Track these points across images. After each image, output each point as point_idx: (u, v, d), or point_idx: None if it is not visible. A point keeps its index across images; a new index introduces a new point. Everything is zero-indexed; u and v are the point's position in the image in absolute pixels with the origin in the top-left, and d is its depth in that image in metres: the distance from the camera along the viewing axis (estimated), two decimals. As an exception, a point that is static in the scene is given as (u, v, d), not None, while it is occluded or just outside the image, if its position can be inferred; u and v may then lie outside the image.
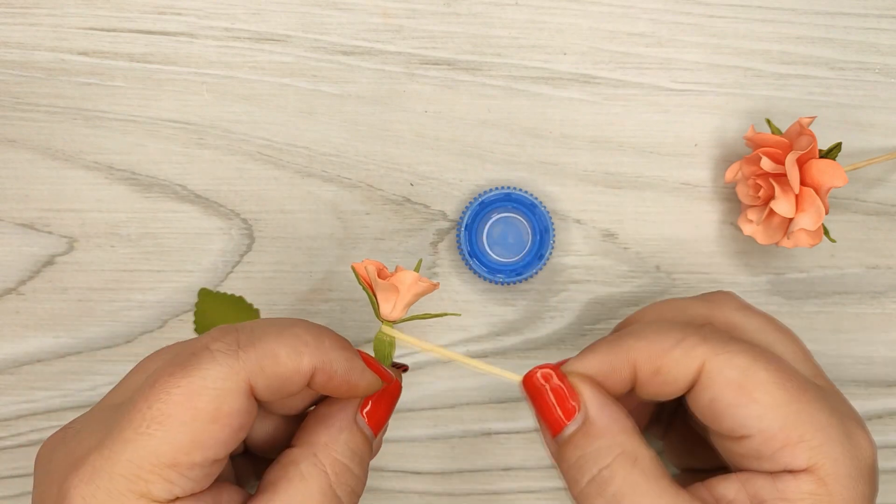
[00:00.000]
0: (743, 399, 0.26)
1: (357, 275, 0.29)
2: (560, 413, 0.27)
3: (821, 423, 0.26)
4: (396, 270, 0.29)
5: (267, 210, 0.39)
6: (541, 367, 0.28)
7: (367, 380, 0.28)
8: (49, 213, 0.39)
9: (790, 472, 0.26)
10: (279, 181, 0.39)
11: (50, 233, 0.39)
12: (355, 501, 0.28)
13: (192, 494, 0.25)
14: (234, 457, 0.31)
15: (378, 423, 0.29)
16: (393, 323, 0.29)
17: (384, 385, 0.29)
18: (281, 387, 0.26)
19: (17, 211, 0.39)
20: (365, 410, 0.29)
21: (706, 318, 0.31)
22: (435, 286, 0.29)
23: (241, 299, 0.38)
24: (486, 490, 0.39)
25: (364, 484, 0.28)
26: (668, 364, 0.27)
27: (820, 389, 0.28)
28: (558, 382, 0.28)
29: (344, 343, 0.28)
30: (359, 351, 0.28)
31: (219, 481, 0.27)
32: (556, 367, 0.28)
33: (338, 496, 0.27)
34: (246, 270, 0.39)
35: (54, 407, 0.39)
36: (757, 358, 0.27)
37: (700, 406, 0.28)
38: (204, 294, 0.38)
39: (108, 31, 0.38)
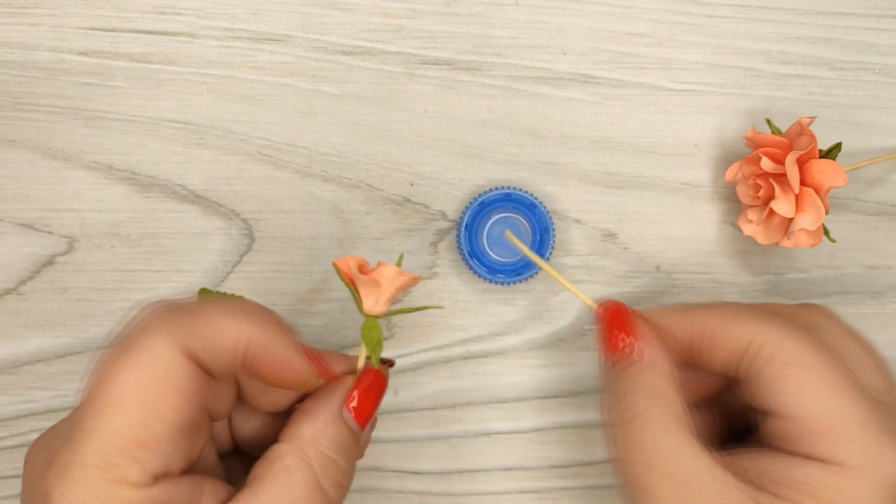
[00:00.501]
0: (790, 377, 0.27)
1: (339, 271, 0.30)
2: (622, 341, 0.30)
3: (862, 426, 0.26)
4: (378, 265, 0.29)
5: (267, 210, 0.39)
6: (618, 303, 0.31)
7: (301, 365, 0.28)
8: (49, 213, 0.39)
9: (807, 457, 0.26)
10: (279, 181, 0.39)
11: (50, 233, 0.39)
12: (342, 494, 0.28)
13: (170, 477, 0.25)
14: (224, 456, 0.31)
15: (364, 416, 0.29)
16: (377, 317, 0.30)
17: (320, 379, 0.29)
18: (218, 356, 0.26)
19: (17, 211, 0.39)
20: (351, 404, 0.29)
21: (788, 315, 0.31)
22: (416, 280, 0.30)
23: (241, 299, 0.38)
24: (486, 490, 0.39)
25: (351, 478, 0.28)
26: (723, 330, 0.29)
27: (870, 400, 0.27)
28: (629, 317, 0.30)
29: (284, 325, 0.28)
30: (301, 345, 0.28)
31: (202, 474, 0.27)
32: (625, 306, 0.31)
33: (324, 489, 0.27)
34: (246, 270, 0.39)
35: (54, 407, 0.39)
36: (810, 345, 0.27)
37: (744, 374, 0.28)
38: (204, 294, 0.38)
39: (108, 31, 0.38)
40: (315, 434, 0.28)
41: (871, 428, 0.26)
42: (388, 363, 0.32)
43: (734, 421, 0.33)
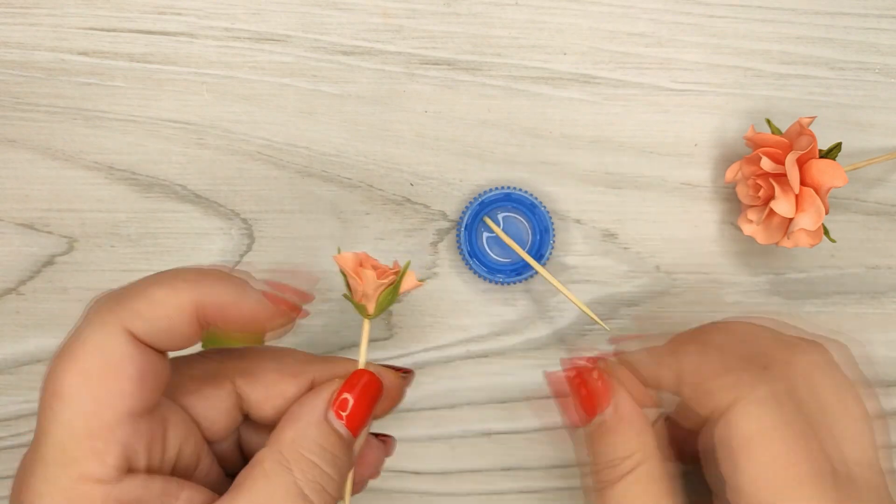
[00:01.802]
0: (745, 453, 0.26)
1: (339, 266, 0.30)
2: (599, 402, 0.29)
3: None
4: (394, 266, 0.30)
5: (267, 210, 0.39)
6: (587, 367, 0.30)
7: (266, 308, 0.27)
8: (49, 213, 0.39)
9: None
10: (279, 181, 0.39)
11: (50, 233, 0.39)
12: (329, 501, 0.27)
13: (137, 475, 0.25)
14: (232, 473, 0.31)
15: (354, 420, 0.28)
16: (369, 316, 0.30)
17: (291, 317, 0.28)
18: (167, 327, 0.25)
19: (17, 211, 0.39)
20: (337, 406, 0.28)
21: (777, 358, 0.30)
22: (392, 280, 0.29)
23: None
24: (487, 490, 0.39)
25: (340, 485, 0.27)
26: (709, 389, 0.28)
27: (838, 493, 0.27)
28: (598, 377, 0.30)
29: (234, 278, 0.27)
30: (268, 282, 0.28)
31: (180, 479, 0.26)
32: (597, 365, 0.30)
33: (304, 494, 0.26)
34: (246, 270, 0.39)
35: (54, 407, 0.39)
36: (784, 424, 0.27)
37: (716, 438, 0.28)
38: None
39: (108, 31, 0.38)
40: (296, 436, 0.27)
41: None
42: (403, 371, 0.31)
43: None
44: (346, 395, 0.28)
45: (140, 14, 0.38)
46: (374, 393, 0.29)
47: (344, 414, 0.28)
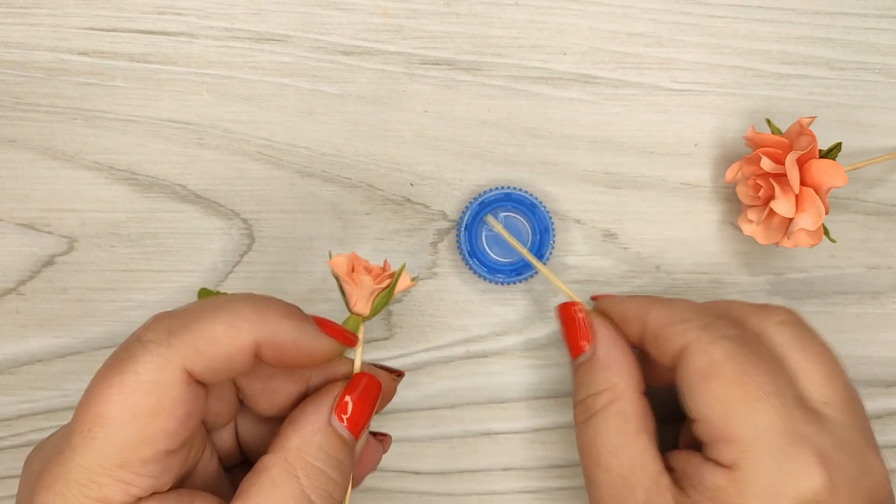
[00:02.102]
0: (700, 386, 0.28)
1: (332, 271, 0.30)
2: (578, 343, 0.32)
3: (760, 432, 0.27)
4: (384, 266, 0.30)
5: (267, 210, 0.39)
6: (575, 304, 0.33)
7: (323, 344, 0.27)
8: (49, 213, 0.39)
9: (717, 463, 0.28)
10: (279, 181, 0.39)
11: (50, 233, 0.39)
12: None
13: (155, 494, 0.25)
14: (233, 468, 0.31)
15: (357, 424, 0.28)
16: (364, 319, 0.30)
17: (346, 347, 0.28)
18: (225, 366, 0.25)
19: (17, 211, 0.39)
20: (340, 411, 0.28)
21: (742, 318, 0.31)
22: (388, 284, 0.30)
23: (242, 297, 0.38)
24: (486, 490, 0.39)
25: (344, 490, 0.27)
26: (665, 336, 0.30)
27: (795, 410, 0.28)
28: (582, 319, 0.33)
29: (292, 310, 0.27)
30: (314, 316, 0.27)
31: (191, 489, 0.26)
32: (583, 309, 0.33)
33: (312, 501, 0.26)
34: (246, 270, 0.39)
35: (54, 407, 0.39)
36: (734, 356, 0.28)
37: (678, 381, 0.30)
38: (204, 294, 0.38)
39: (108, 31, 0.38)
40: (301, 443, 0.26)
41: (777, 439, 0.27)
42: (395, 373, 0.31)
43: None
44: (347, 398, 0.28)
45: (140, 14, 0.38)
46: (375, 396, 0.29)
47: (346, 417, 0.28)
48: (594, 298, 0.35)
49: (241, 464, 0.31)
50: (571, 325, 0.33)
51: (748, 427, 0.27)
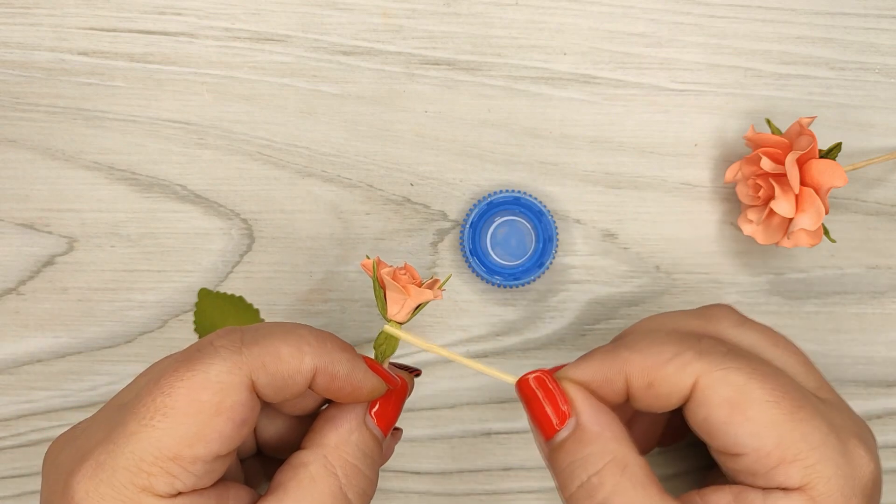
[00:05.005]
0: (737, 417, 0.26)
1: (374, 272, 0.30)
2: (553, 418, 0.28)
3: (816, 442, 0.26)
4: (433, 281, 0.30)
5: (267, 210, 0.39)
6: (534, 371, 0.29)
7: (370, 382, 0.28)
8: (49, 213, 0.39)
9: (783, 489, 0.26)
10: (279, 181, 0.39)
11: (50, 233, 0.39)
12: (366, 503, 0.28)
13: (195, 490, 0.25)
14: (244, 459, 0.31)
15: (387, 423, 0.29)
16: (400, 324, 0.30)
17: (388, 388, 0.29)
18: (283, 385, 0.26)
19: (17, 211, 0.39)
20: (374, 411, 0.29)
21: (702, 330, 0.30)
22: (437, 296, 0.30)
23: (241, 299, 0.38)
24: (486, 490, 0.39)
25: (375, 485, 0.28)
26: (661, 379, 0.27)
27: (819, 404, 0.28)
28: (552, 387, 0.28)
29: (347, 346, 0.28)
30: (363, 356, 0.28)
31: (226, 480, 0.27)
32: (550, 373, 0.29)
33: (348, 498, 0.27)
34: (246, 270, 0.39)
35: (54, 407, 0.39)
36: (752, 375, 0.27)
37: (696, 422, 0.28)
38: (204, 294, 0.38)
39: (108, 31, 0.38)
40: (339, 441, 0.27)
41: (830, 441, 0.26)
42: (415, 372, 0.32)
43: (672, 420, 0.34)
44: (379, 399, 0.29)
45: (140, 14, 0.38)
46: (403, 397, 0.30)
47: (377, 416, 0.29)
48: (534, 373, 0.29)
49: (252, 455, 0.32)
50: (538, 399, 0.28)
51: (805, 442, 0.26)
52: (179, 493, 0.25)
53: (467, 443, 0.39)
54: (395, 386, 0.29)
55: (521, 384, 0.29)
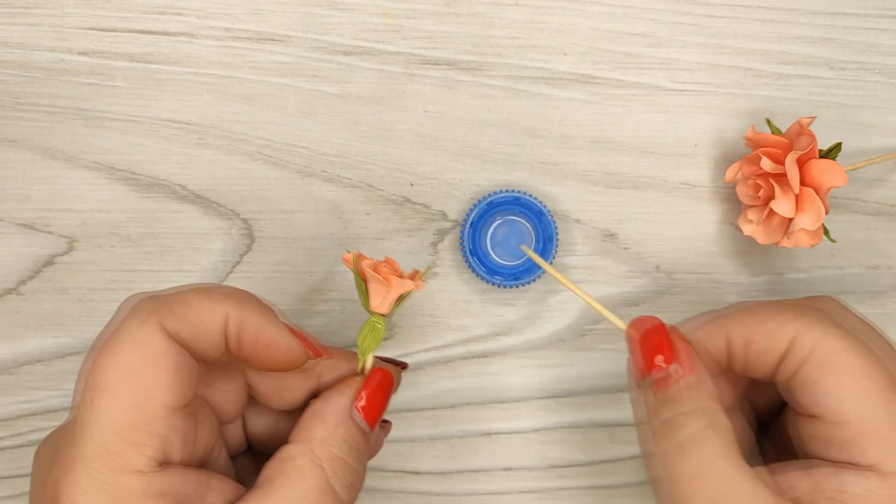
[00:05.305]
0: (827, 378, 0.26)
1: (354, 266, 0.30)
2: (658, 359, 0.28)
3: None
4: (414, 272, 0.30)
5: (267, 210, 0.39)
6: (650, 318, 0.29)
7: (284, 338, 0.28)
8: (49, 213, 0.39)
9: (855, 465, 0.26)
10: (279, 181, 0.39)
11: (50, 233, 0.39)
12: (354, 496, 0.28)
13: (174, 468, 0.25)
14: (235, 456, 0.31)
15: (373, 416, 0.29)
16: (383, 316, 0.30)
17: (311, 357, 0.29)
18: (196, 330, 0.26)
19: (17, 211, 0.39)
20: (360, 405, 0.29)
21: (818, 310, 0.29)
22: (419, 286, 0.30)
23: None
24: (486, 490, 0.39)
25: (362, 478, 0.28)
26: (761, 335, 0.27)
27: None
28: (663, 334, 0.29)
29: (263, 304, 0.28)
30: (286, 324, 0.28)
31: (210, 470, 0.27)
32: (661, 322, 0.29)
33: (335, 491, 0.27)
34: (246, 270, 0.39)
35: (54, 407, 0.39)
36: (850, 343, 0.26)
37: (784, 378, 0.27)
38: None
39: (108, 31, 0.38)
40: (326, 435, 0.28)
41: None
42: (401, 365, 0.32)
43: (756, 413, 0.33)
44: (365, 392, 0.29)
45: (140, 14, 0.38)
46: (389, 390, 0.30)
47: (364, 409, 0.29)
48: (656, 326, 0.30)
49: (242, 452, 0.32)
50: (652, 340, 0.29)
51: (888, 422, 0.25)
52: (159, 469, 0.25)
53: (467, 443, 0.39)
54: (315, 352, 0.29)
55: (638, 324, 0.29)
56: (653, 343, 0.28)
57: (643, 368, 0.28)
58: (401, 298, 0.30)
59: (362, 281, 0.30)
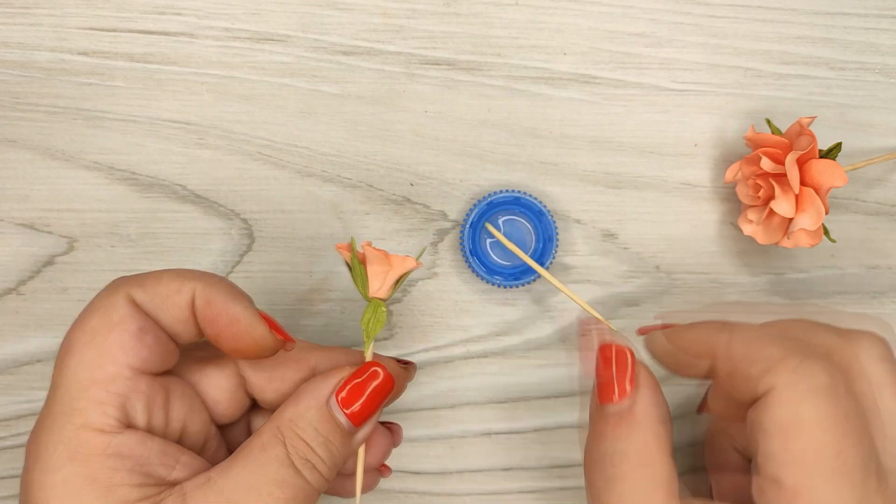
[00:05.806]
0: (778, 439, 0.25)
1: (351, 251, 0.30)
2: (616, 389, 0.28)
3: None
4: (405, 256, 0.30)
5: (267, 210, 0.39)
6: (621, 342, 0.29)
7: (248, 318, 0.28)
8: (49, 213, 0.39)
9: None
10: (279, 181, 0.39)
11: (50, 233, 0.39)
12: (318, 478, 0.28)
13: (137, 431, 0.26)
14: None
15: (358, 414, 0.29)
16: (383, 300, 0.30)
17: (281, 343, 0.29)
18: (162, 302, 0.27)
19: (17, 211, 0.39)
20: (340, 396, 0.29)
21: (830, 348, 0.28)
22: (418, 265, 0.30)
23: None
24: (486, 490, 0.39)
25: (331, 468, 0.28)
26: (745, 373, 0.27)
27: (875, 484, 0.25)
28: (629, 364, 0.29)
29: (232, 284, 0.29)
30: (257, 309, 0.28)
31: (182, 446, 0.27)
32: (631, 351, 0.29)
33: (292, 464, 0.27)
34: (246, 270, 0.39)
35: (54, 407, 0.39)
36: (822, 417, 0.25)
37: (751, 421, 0.27)
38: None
39: (108, 31, 0.38)
40: (294, 416, 0.28)
41: None
42: (405, 364, 0.32)
43: None
44: (349, 384, 0.29)
45: (140, 14, 0.38)
46: (382, 386, 0.30)
47: (342, 398, 0.29)
48: (642, 332, 0.31)
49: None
50: (611, 369, 0.29)
51: (821, 500, 0.25)
52: (121, 430, 0.26)
53: (467, 443, 0.39)
54: (285, 336, 0.29)
55: (604, 348, 0.29)
56: (620, 371, 0.29)
57: (603, 392, 0.29)
58: (398, 281, 0.30)
59: (361, 265, 0.30)
